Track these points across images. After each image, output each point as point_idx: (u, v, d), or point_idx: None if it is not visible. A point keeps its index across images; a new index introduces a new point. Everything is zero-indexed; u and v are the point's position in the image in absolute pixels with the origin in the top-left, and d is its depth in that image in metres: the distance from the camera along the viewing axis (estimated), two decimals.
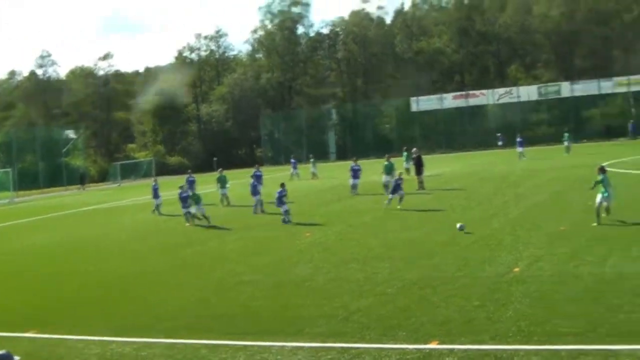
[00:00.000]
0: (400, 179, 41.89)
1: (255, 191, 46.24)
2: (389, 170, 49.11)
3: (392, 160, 51.09)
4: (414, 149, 53.52)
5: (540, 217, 32.11)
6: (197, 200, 43.45)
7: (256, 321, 19.37)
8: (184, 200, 43.89)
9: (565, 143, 74.03)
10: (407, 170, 57.07)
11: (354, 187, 51.22)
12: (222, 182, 53.13)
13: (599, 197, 28.85)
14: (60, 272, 30.89)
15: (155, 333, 19.00)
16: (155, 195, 50.66)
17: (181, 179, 58.98)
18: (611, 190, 29.43)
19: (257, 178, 49.71)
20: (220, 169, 57.03)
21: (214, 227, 40.94)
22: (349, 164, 53.83)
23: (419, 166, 50.28)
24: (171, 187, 63.89)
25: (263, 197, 46.47)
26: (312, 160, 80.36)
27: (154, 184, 51.78)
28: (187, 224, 42.72)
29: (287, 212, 38.63)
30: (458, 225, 28.39)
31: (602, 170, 29.91)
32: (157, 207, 50.72)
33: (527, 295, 19.12)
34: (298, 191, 58.94)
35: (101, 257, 33.67)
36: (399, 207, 39.94)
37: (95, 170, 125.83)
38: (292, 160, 79.75)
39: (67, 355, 17.96)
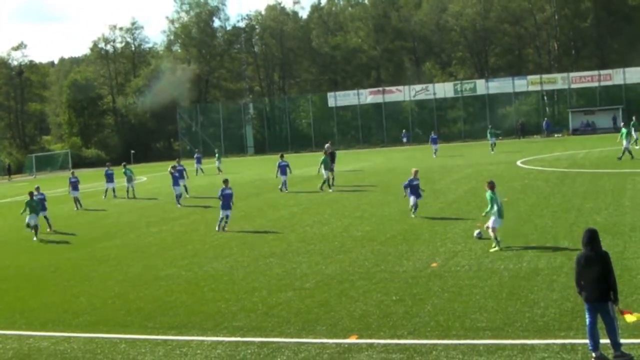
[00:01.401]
0: (417, 179, 33.56)
1: (176, 183, 46.62)
2: (327, 164, 47.72)
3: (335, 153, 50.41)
4: (327, 145, 53.19)
5: (456, 213, 32.46)
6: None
7: (175, 316, 19.29)
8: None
9: (490, 140, 74.01)
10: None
11: (284, 184, 48.66)
12: (127, 175, 54.40)
13: (491, 221, 25.17)
14: None
15: (73, 327, 18.84)
16: (75, 188, 49.89)
17: (99, 172, 58.35)
18: (497, 211, 25.26)
19: (179, 172, 49.19)
20: (123, 163, 58.27)
21: (132, 220, 40.69)
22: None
23: (332, 162, 50.08)
24: (89, 179, 63.36)
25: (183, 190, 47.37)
26: (217, 154, 79.76)
27: (71, 177, 50.90)
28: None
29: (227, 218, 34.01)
30: (475, 232, 27.25)
31: (491, 186, 26.12)
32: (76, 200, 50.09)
33: (445, 290, 19.32)
34: (217, 186, 58.74)
35: (16, 250, 33.14)
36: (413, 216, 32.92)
37: (11, 162, 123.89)
38: (197, 156, 79.03)
39: None
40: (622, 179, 41.40)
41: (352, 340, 15.92)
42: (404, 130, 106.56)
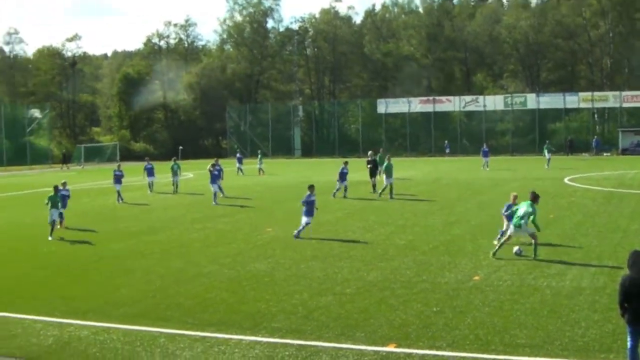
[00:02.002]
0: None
1: (214, 181, 47.57)
2: (389, 171, 46.92)
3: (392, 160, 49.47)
4: (370, 152, 53.06)
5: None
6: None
7: (215, 313, 19.34)
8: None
9: (547, 155, 73.05)
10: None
11: (344, 189, 47.81)
12: (174, 170, 55.99)
13: (509, 227, 26.48)
14: (16, 252, 30.62)
15: (113, 318, 18.94)
16: (118, 181, 50.26)
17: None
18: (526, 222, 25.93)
19: (218, 171, 49.54)
20: (174, 158, 60.36)
21: (177, 216, 40.94)
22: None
23: (374, 169, 50.07)
24: (135, 173, 63.83)
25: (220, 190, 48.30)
26: (259, 155, 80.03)
27: (116, 170, 51.29)
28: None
29: (307, 225, 32.29)
30: (515, 249, 26.79)
31: (534, 197, 26.81)
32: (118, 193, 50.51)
33: (486, 304, 19.23)
34: (260, 185, 59.10)
35: (59, 239, 33.36)
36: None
37: (60, 151, 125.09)
38: (238, 156, 79.84)
39: (24, 335, 17.87)
40: None
41: (391, 348, 15.87)
42: (446, 141, 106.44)
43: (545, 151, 74.13)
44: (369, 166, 50.54)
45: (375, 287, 21.67)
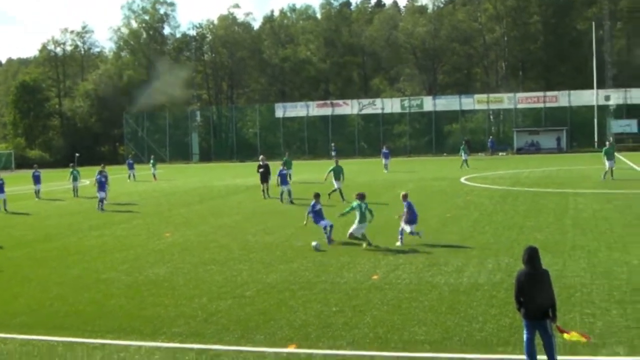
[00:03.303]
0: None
1: (101, 188, 47.92)
2: (338, 174, 46.64)
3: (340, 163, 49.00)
4: (261, 157, 52.62)
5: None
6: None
7: (114, 320, 19.10)
8: None
9: (463, 156, 73.08)
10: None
11: (289, 194, 46.18)
12: (74, 175, 57.12)
13: (353, 228, 28.72)
14: None
15: (10, 328, 18.57)
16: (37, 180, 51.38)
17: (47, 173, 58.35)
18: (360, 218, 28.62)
19: (105, 178, 49.72)
20: (71, 164, 62.04)
21: (73, 223, 40.40)
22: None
23: (266, 174, 49.48)
24: (26, 181, 62.89)
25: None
26: (152, 161, 79.56)
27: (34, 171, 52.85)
28: None
29: (331, 228, 30.55)
30: (314, 243, 27.93)
31: (360, 196, 29.34)
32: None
33: (385, 303, 19.36)
34: (156, 191, 58.72)
35: None
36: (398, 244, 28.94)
37: None
38: (129, 162, 78.98)
39: None
40: (564, 198, 41.96)
41: (291, 349, 15.87)
42: (332, 144, 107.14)
43: (462, 152, 74.40)
44: (260, 170, 49.97)
45: (274, 289, 21.66)
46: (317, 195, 31.51)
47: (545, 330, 13.58)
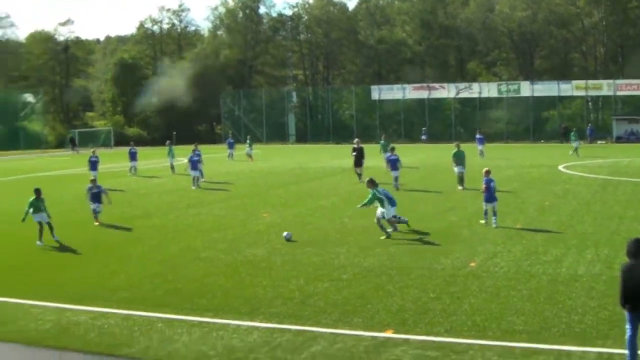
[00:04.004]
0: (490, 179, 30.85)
1: (194, 167, 48.56)
2: (460, 159, 44.06)
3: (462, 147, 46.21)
4: (356, 139, 52.31)
5: (497, 214, 32.34)
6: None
7: (212, 298, 19.39)
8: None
9: (574, 143, 71.74)
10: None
11: (396, 179, 44.04)
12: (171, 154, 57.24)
13: (380, 211, 28.07)
14: (11, 238, 30.47)
15: (111, 303, 18.98)
16: (93, 168, 51.42)
17: (143, 151, 59.24)
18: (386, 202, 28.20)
19: (198, 157, 50.63)
20: (168, 141, 64.28)
21: (171, 201, 40.95)
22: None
23: (360, 158, 49.25)
24: (124, 159, 63.82)
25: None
26: (248, 141, 79.93)
27: (92, 156, 52.90)
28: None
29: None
30: (285, 234, 27.71)
31: (372, 184, 29.16)
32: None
33: (482, 290, 19.28)
34: (253, 171, 59.16)
35: (57, 224, 33.07)
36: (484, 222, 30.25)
37: (54, 136, 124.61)
38: (229, 141, 79.71)
39: (22, 319, 17.94)
40: None
41: (388, 334, 15.93)
42: (423, 128, 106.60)
43: (573, 138, 72.96)
44: (354, 154, 49.73)
45: (371, 272, 21.73)
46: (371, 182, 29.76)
47: None
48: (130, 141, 67.87)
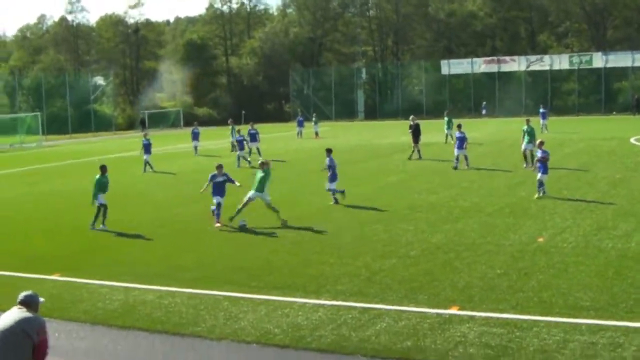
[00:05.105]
0: (545, 152, 31.41)
1: (241, 146, 50.30)
2: (531, 137, 41.45)
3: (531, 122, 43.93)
4: (412, 117, 51.69)
5: (566, 188, 31.98)
6: None
7: (278, 276, 19.49)
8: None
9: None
10: (448, 136, 56.58)
11: (464, 159, 42.36)
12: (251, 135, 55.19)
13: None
14: (82, 219, 30.76)
15: (177, 282, 19.17)
16: (147, 151, 50.22)
17: (212, 131, 59.77)
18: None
19: (251, 136, 53.10)
20: (230, 120, 65.33)
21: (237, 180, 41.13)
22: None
23: (417, 134, 48.98)
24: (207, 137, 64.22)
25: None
26: (314, 119, 79.93)
27: (144, 140, 51.34)
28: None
29: None
30: (240, 222, 26.76)
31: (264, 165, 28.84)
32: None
33: (550, 266, 19.11)
34: (322, 149, 59.02)
35: (123, 205, 33.33)
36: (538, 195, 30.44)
37: (123, 118, 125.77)
38: (300, 119, 79.61)
39: (90, 299, 18.20)
40: None
41: (454, 311, 15.87)
42: (484, 102, 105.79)
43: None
44: (410, 131, 49.31)
45: (439, 249, 21.66)
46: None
47: None
48: (200, 121, 68.48)
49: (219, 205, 27.81)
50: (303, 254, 21.99)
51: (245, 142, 50.72)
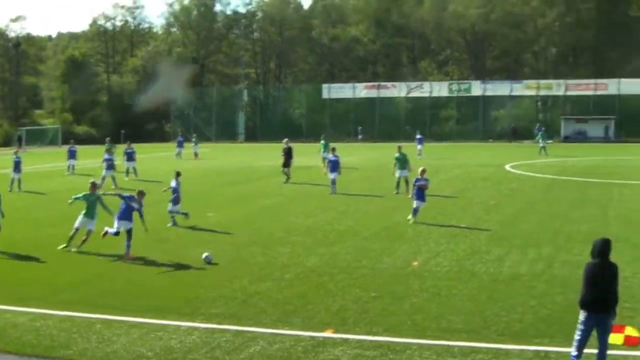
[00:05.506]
0: (425, 180, 31.53)
1: (109, 166, 49.08)
2: (403, 163, 41.72)
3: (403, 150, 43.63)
4: (285, 139, 51.49)
5: (442, 213, 32.44)
6: None
7: (153, 299, 19.25)
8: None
9: (541, 143, 72.19)
10: (323, 160, 55.96)
11: (333, 182, 41.84)
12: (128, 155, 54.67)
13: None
14: None
15: (50, 305, 18.70)
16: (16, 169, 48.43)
17: (90, 150, 58.86)
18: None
19: (128, 155, 53.35)
20: (107, 138, 64.50)
21: (114, 201, 40.56)
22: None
23: (288, 158, 48.76)
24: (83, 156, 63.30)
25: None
26: (194, 140, 79.71)
27: (15, 157, 49.94)
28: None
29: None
30: (204, 255, 25.76)
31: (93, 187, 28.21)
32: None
33: (424, 290, 19.34)
34: (199, 170, 58.88)
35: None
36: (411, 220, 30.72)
37: (0, 134, 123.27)
38: (180, 139, 79.38)
39: None
40: (609, 189, 41.65)
41: (328, 334, 15.89)
42: (359, 128, 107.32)
43: (540, 138, 73.42)
44: (282, 154, 48.99)
45: (314, 272, 21.71)
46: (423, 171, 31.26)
47: (605, 326, 13.26)
48: (80, 139, 67.44)
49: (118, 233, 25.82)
50: (178, 276, 21.80)
51: (112, 162, 49.57)
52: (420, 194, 30.65)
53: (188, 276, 21.73)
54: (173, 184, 31.68)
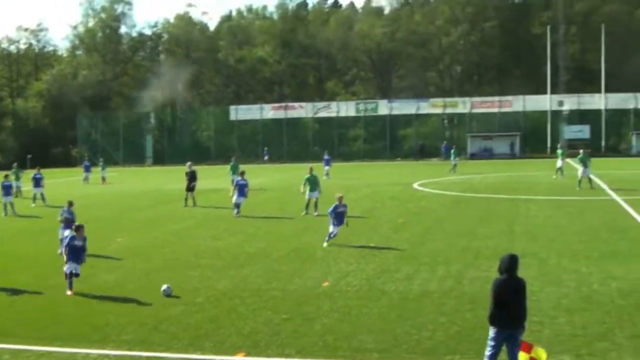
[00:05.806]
0: (344, 206, 30.96)
1: (7, 192, 46.56)
2: (314, 184, 41.46)
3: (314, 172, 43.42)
4: (189, 163, 50.29)
5: (351, 233, 32.54)
6: None
7: (62, 327, 18.98)
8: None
9: (453, 161, 72.83)
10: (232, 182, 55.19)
11: (237, 205, 41.84)
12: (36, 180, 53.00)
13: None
14: None
15: None
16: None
17: None
18: None
19: (36, 180, 51.74)
20: (15, 164, 61.88)
21: (24, 227, 40.02)
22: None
23: (192, 181, 47.86)
24: None
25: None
26: (101, 164, 79.00)
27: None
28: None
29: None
30: (163, 287, 24.91)
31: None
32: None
33: (334, 310, 19.42)
34: (107, 195, 58.34)
35: None
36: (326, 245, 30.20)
37: None
38: (86, 163, 78.70)
39: None
40: (515, 205, 42.36)
41: (240, 357, 15.89)
42: (265, 148, 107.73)
43: (452, 156, 74.28)
44: (186, 178, 48.27)
45: (225, 296, 21.64)
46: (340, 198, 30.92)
47: (515, 341, 13.43)
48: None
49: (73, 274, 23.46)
50: (87, 304, 21.51)
51: (12, 189, 48.26)
52: (341, 219, 30.56)
53: (97, 303, 21.46)
54: (65, 212, 30.51)
